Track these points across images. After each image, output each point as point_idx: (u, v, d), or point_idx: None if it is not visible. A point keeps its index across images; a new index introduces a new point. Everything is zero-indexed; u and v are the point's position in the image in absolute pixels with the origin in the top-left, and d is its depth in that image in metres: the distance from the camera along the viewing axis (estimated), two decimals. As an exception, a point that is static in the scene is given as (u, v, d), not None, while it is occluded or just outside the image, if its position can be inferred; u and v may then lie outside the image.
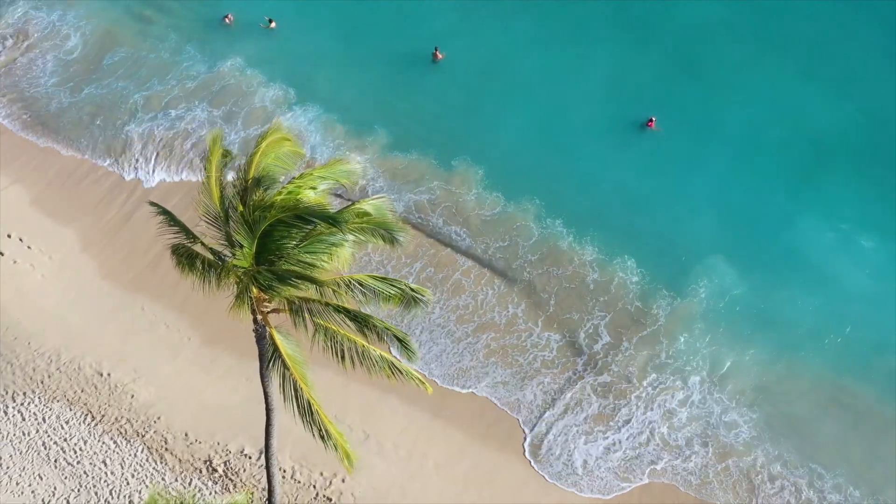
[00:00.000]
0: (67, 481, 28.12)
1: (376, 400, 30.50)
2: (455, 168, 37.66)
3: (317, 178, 18.68)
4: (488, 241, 35.53)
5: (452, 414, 30.66)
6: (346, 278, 18.81)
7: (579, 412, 30.73)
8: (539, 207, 36.27)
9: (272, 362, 19.23)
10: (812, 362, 31.82)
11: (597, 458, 29.67)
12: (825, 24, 42.84)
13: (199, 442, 29.44)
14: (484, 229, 35.84)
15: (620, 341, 32.37)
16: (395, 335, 18.65)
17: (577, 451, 29.87)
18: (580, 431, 30.33)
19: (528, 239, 35.47)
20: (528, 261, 34.81)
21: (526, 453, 29.90)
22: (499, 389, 31.47)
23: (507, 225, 35.90)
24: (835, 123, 38.83)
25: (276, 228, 17.73)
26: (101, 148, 39.26)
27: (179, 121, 40.20)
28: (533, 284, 34.14)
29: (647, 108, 39.09)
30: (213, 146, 19.28)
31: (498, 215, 36.21)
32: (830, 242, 35.01)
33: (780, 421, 30.40)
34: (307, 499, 28.10)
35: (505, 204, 36.48)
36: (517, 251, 35.10)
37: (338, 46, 42.98)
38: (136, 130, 39.77)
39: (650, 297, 33.53)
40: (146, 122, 40.17)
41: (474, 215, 36.22)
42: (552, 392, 31.29)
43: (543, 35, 43.26)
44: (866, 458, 29.54)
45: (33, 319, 32.36)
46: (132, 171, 38.33)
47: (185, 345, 32.10)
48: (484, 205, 36.56)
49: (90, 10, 44.97)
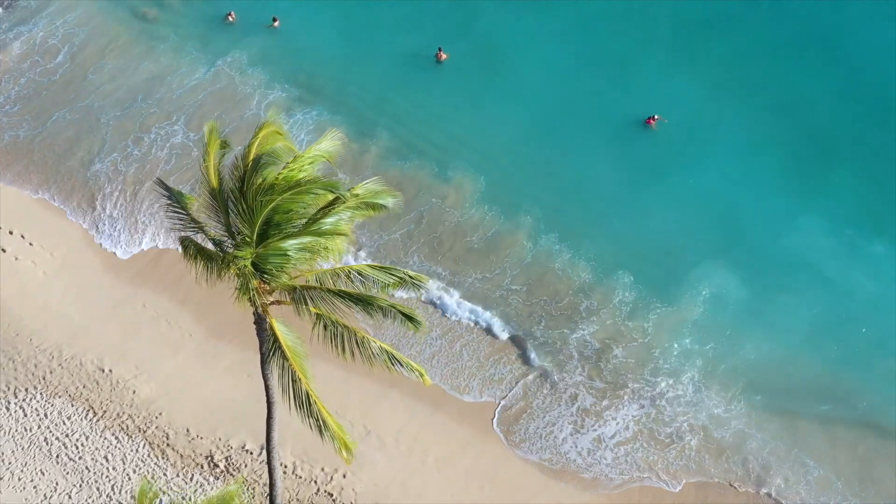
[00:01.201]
0: (69, 477, 28.16)
1: (377, 395, 30.55)
2: (454, 172, 37.55)
3: (307, 160, 18.73)
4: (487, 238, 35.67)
5: (453, 409, 30.69)
6: (345, 268, 18.90)
7: (578, 411, 30.75)
8: (536, 208, 36.30)
9: (272, 353, 19.28)
10: (809, 361, 31.81)
11: (592, 453, 29.68)
12: (828, 20, 42.90)
13: (200, 437, 29.47)
14: (482, 230, 35.85)
15: (614, 346, 32.35)
16: (401, 311, 18.91)
17: (575, 448, 29.88)
18: (576, 427, 30.36)
19: (524, 239, 35.52)
20: (524, 262, 34.81)
21: (523, 451, 29.96)
22: (495, 387, 31.59)
23: (503, 229, 35.83)
24: (835, 122, 38.87)
25: (277, 213, 17.80)
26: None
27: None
28: (529, 285, 34.19)
29: (648, 107, 39.18)
30: (210, 136, 19.35)
31: (496, 216, 36.19)
32: (829, 243, 34.95)
33: (778, 419, 30.55)
34: (308, 494, 28.12)
35: (502, 205, 36.48)
36: (515, 252, 35.11)
37: (341, 46, 42.97)
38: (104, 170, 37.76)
39: (644, 298, 33.55)
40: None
41: (470, 219, 36.14)
42: (549, 391, 31.30)
43: (547, 34, 43.27)
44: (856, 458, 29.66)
45: (35, 316, 32.43)
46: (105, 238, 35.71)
47: (186, 341, 32.15)
48: (480, 206, 36.54)
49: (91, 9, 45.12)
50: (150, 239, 35.48)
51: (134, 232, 35.60)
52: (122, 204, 36.53)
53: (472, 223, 36.06)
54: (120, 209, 36.32)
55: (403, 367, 19.05)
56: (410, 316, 18.92)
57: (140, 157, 38.27)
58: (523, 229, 35.75)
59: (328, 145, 19.18)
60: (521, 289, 34.04)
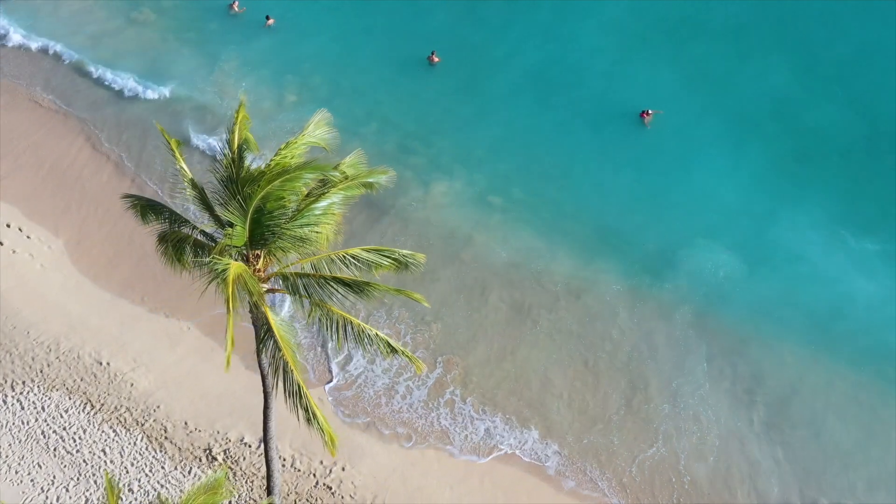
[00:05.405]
0: (66, 470, 27.99)
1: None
2: (441, 173, 37.48)
3: (300, 146, 18.58)
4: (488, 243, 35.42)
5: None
6: (340, 253, 18.72)
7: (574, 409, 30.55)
8: (535, 208, 36.30)
9: (264, 341, 19.11)
10: (807, 356, 31.68)
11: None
12: (818, 18, 43.13)
13: (198, 430, 29.28)
14: (478, 235, 35.61)
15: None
16: (400, 294, 19.00)
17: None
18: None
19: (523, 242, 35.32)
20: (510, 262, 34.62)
21: (517, 450, 29.66)
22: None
23: (498, 230, 35.70)
24: (826, 119, 38.93)
25: (268, 201, 17.59)
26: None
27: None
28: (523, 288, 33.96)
29: (641, 102, 39.34)
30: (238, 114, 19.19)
31: (494, 219, 36.01)
32: (821, 240, 34.86)
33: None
34: (307, 487, 27.91)
35: (498, 208, 36.33)
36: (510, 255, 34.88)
37: (334, 46, 43.16)
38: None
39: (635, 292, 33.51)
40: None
41: (466, 222, 35.93)
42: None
43: (539, 38, 43.46)
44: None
45: (33, 309, 32.26)
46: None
47: (184, 334, 31.97)
48: (477, 208, 36.40)
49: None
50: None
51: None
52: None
53: (455, 223, 35.91)
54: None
55: (399, 353, 18.86)
56: (411, 295, 18.98)
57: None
58: (515, 233, 35.53)
59: (322, 132, 19.00)
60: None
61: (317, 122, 19.34)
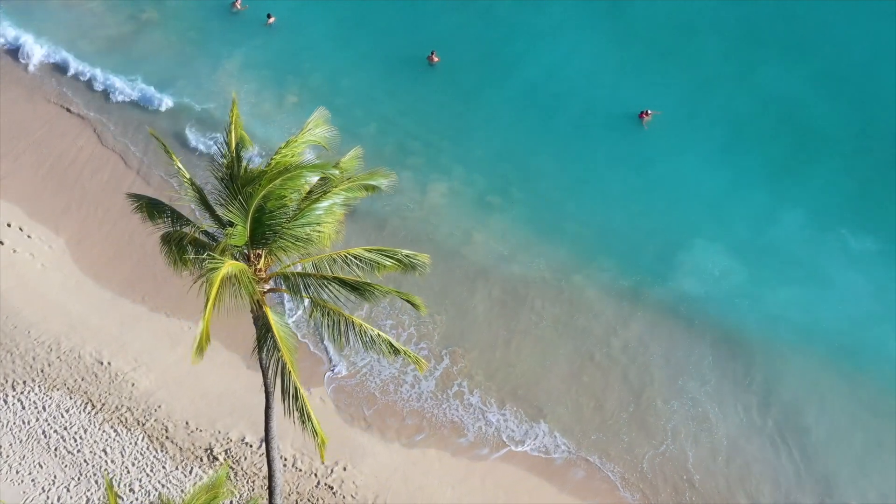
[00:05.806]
0: (67, 469, 27.96)
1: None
2: (440, 173, 37.37)
3: (301, 145, 18.52)
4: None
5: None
6: (341, 253, 18.68)
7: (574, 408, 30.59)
8: (533, 208, 36.18)
9: (263, 341, 19.07)
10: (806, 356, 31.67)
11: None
12: (818, 18, 43.07)
13: (199, 430, 29.25)
14: (477, 233, 35.56)
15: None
16: (400, 297, 18.83)
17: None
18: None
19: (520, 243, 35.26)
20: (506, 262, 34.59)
21: (528, 443, 29.69)
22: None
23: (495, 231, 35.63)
24: (826, 119, 38.87)
25: (269, 200, 17.54)
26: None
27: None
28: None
29: (640, 102, 39.28)
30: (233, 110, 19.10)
31: (494, 218, 35.93)
32: (821, 240, 34.80)
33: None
34: (309, 487, 27.89)
35: (497, 207, 36.25)
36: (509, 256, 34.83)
37: (334, 45, 43.00)
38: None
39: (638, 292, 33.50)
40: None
41: (466, 221, 35.89)
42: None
43: (539, 38, 43.32)
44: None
45: (33, 308, 32.21)
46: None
47: (185, 333, 31.91)
48: (477, 207, 36.34)
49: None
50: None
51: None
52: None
53: (455, 222, 35.82)
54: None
55: (401, 354, 18.83)
56: (411, 300, 18.86)
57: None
58: (511, 233, 35.43)
59: (322, 130, 18.95)
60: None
61: (316, 121, 19.28)
